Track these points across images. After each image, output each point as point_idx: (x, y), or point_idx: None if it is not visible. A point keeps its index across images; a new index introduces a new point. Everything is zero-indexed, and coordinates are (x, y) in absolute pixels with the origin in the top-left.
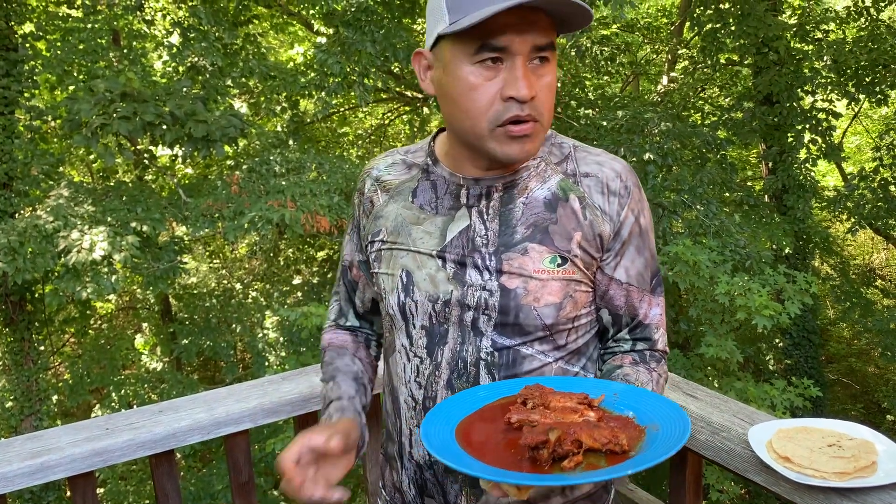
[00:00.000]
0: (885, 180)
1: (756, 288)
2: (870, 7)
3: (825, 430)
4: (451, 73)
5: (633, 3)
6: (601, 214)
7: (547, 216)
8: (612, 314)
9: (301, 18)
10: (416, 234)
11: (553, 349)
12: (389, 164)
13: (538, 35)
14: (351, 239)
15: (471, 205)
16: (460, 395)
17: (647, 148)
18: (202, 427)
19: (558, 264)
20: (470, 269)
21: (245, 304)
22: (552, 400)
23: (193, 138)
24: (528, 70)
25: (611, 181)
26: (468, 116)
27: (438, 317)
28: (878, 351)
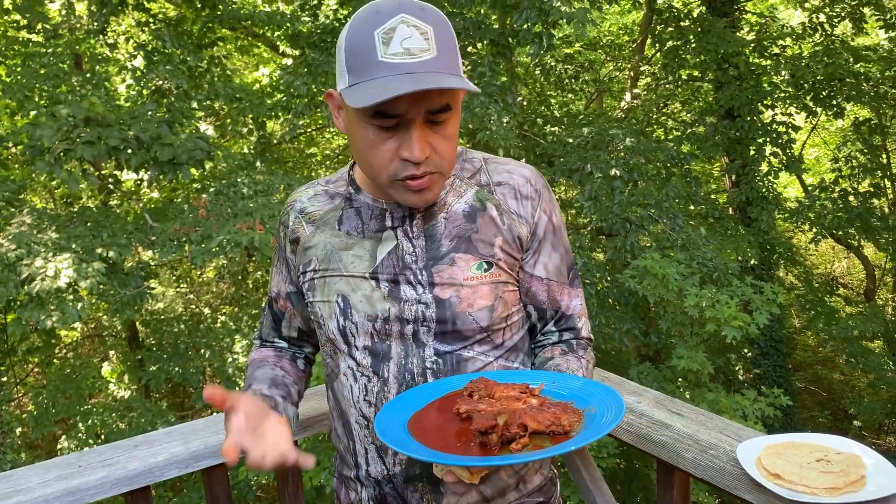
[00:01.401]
0: (844, 191)
1: (724, 299)
2: (824, 23)
3: (813, 444)
4: (353, 126)
5: (594, 22)
6: (517, 218)
7: (468, 227)
8: (537, 309)
9: (266, 40)
10: (346, 259)
11: (492, 349)
12: (311, 195)
13: (432, 102)
14: (278, 271)
15: (396, 226)
16: (409, 392)
17: (613, 164)
18: (179, 461)
19: (485, 269)
20: (404, 286)
21: (214, 329)
22: (496, 391)
23: (159, 162)
24: (425, 130)
25: (522, 186)
26: (371, 168)
27: (380, 334)
28: (843, 358)
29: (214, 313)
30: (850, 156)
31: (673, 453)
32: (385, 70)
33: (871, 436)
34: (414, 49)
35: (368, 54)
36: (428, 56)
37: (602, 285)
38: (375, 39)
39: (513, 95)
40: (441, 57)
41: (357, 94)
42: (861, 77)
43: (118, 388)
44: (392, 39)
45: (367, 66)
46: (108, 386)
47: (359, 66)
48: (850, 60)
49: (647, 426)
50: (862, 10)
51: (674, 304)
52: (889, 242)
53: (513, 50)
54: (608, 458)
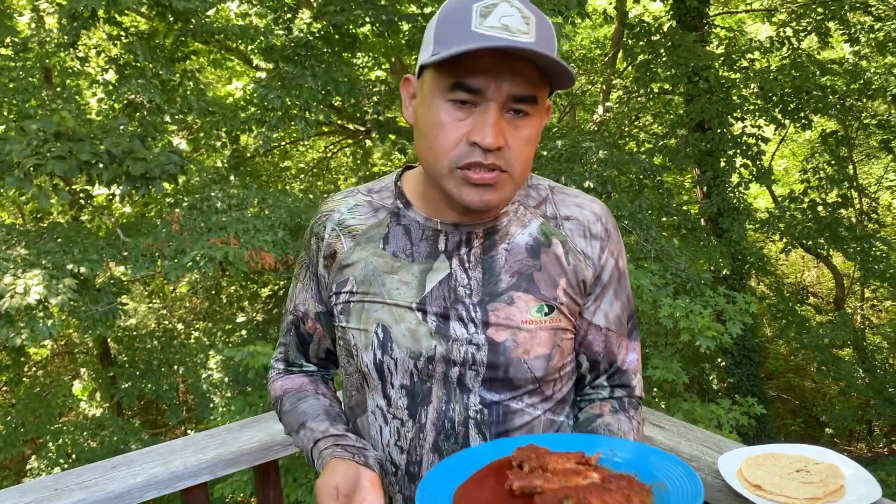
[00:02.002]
0: (813, 201)
1: (698, 309)
2: (791, 37)
3: (792, 455)
4: (426, 106)
5: (567, 36)
6: (584, 259)
7: (531, 263)
8: (590, 360)
9: (239, 54)
10: (390, 284)
11: (541, 401)
12: (352, 205)
13: (518, 85)
14: (306, 287)
15: (450, 252)
16: (448, 461)
17: (587, 176)
18: (159, 482)
19: (545, 313)
20: (454, 322)
21: (187, 345)
22: (549, 461)
23: (131, 176)
24: (502, 119)
25: (592, 224)
26: (431, 152)
27: (421, 374)
28: (815, 366)
29: (188, 329)
30: (817, 167)
31: None
32: (477, 39)
33: (843, 443)
34: (513, 27)
35: (461, 24)
36: (526, 38)
37: None
38: (473, 11)
39: None
40: (540, 45)
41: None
42: (827, 90)
43: (90, 406)
44: (491, 14)
45: (458, 34)
46: (80, 404)
47: (448, 35)
48: (816, 74)
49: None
50: (827, 24)
51: (648, 315)
52: (857, 252)
53: None
54: None
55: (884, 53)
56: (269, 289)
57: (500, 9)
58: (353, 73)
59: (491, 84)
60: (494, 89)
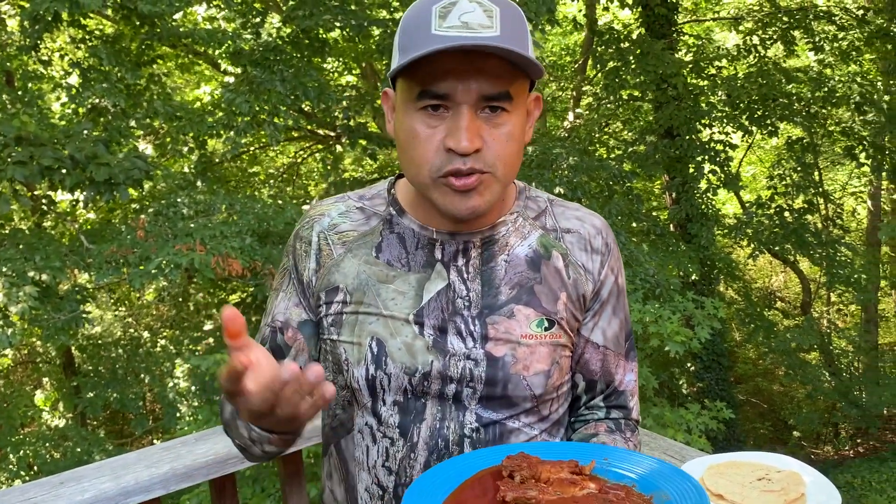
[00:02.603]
0: (780, 207)
1: (667, 315)
2: (757, 45)
3: (754, 463)
4: (401, 118)
5: (537, 44)
6: (584, 273)
7: (531, 275)
8: (587, 380)
9: (207, 58)
10: (385, 294)
11: (538, 421)
12: (342, 211)
13: (486, 83)
14: (288, 295)
15: (447, 262)
16: (435, 469)
17: (557, 182)
18: (108, 498)
19: (545, 328)
20: (451, 336)
21: (154, 353)
22: (542, 470)
23: (95, 182)
24: (476, 120)
25: (593, 238)
26: (412, 164)
27: (415, 391)
28: (782, 370)
29: (154, 337)
30: (784, 174)
31: None
32: (436, 42)
33: (810, 445)
34: (473, 24)
35: (421, 29)
36: (488, 33)
37: None
38: (432, 14)
39: None
40: (505, 38)
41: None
42: (793, 97)
43: (52, 416)
44: (450, 13)
45: (419, 40)
46: (42, 414)
47: (410, 41)
48: (782, 81)
49: None
50: (792, 33)
51: None
52: (823, 257)
53: None
54: None
55: (847, 62)
56: (238, 296)
57: (459, 6)
58: (323, 78)
59: (458, 86)
60: (462, 91)
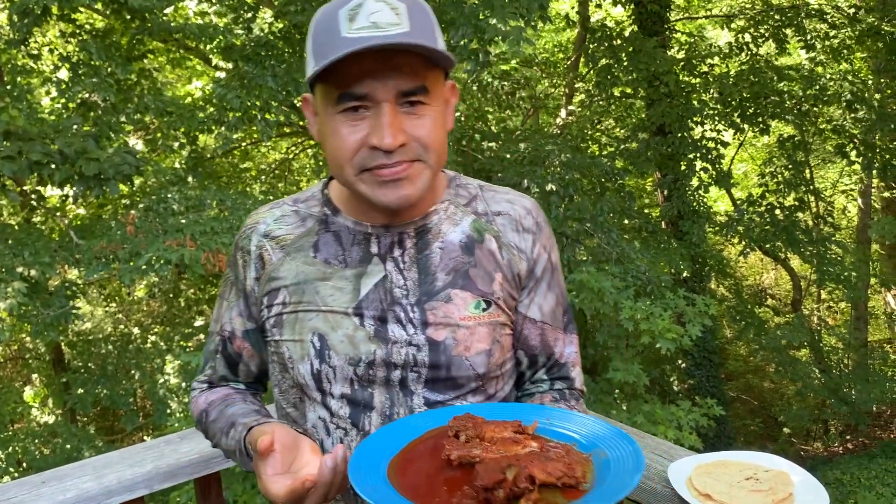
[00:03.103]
0: (771, 205)
1: (658, 312)
2: (749, 43)
3: (742, 462)
4: (323, 121)
5: (529, 40)
6: (518, 253)
7: (465, 259)
8: (528, 355)
9: (199, 53)
10: (324, 291)
11: (485, 400)
12: (278, 216)
13: (403, 80)
14: (231, 305)
15: (384, 254)
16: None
17: (549, 179)
18: (90, 498)
19: (483, 309)
20: (392, 324)
21: (144, 349)
22: (486, 430)
23: (85, 177)
24: (398, 116)
25: (523, 219)
26: (336, 163)
27: (361, 381)
28: (773, 367)
29: (145, 333)
30: (775, 171)
31: None
32: (348, 44)
33: (800, 442)
34: (381, 23)
35: (332, 34)
36: (398, 30)
37: None
38: (340, 18)
39: None
40: (415, 33)
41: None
42: (784, 95)
43: (42, 412)
44: (358, 15)
45: (330, 45)
46: (31, 411)
47: (322, 47)
48: (774, 79)
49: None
50: (784, 31)
51: (609, 318)
52: (813, 255)
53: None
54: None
55: (838, 60)
56: None
57: (365, 7)
58: None
59: (376, 86)
60: (381, 90)
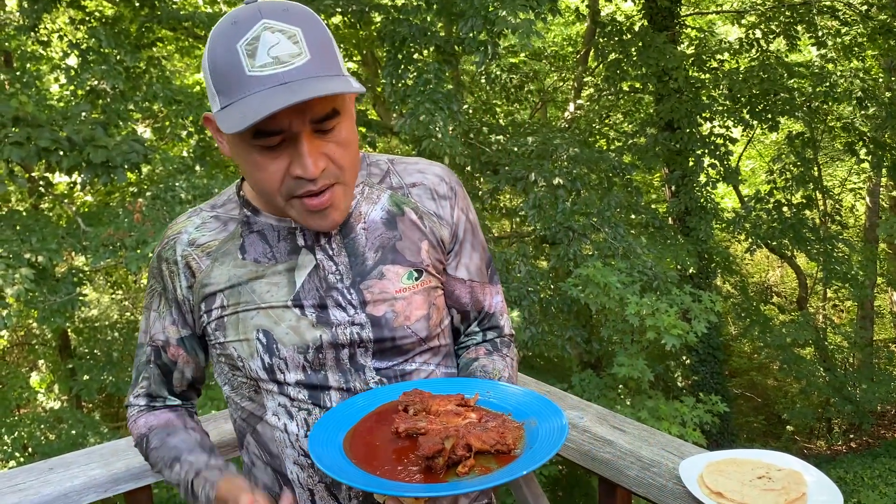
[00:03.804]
0: (778, 202)
1: (664, 308)
2: (760, 39)
3: (754, 461)
4: (236, 151)
5: (539, 34)
6: (437, 220)
7: (390, 234)
8: (460, 312)
9: None
10: (260, 289)
11: (432, 356)
12: (199, 224)
13: (315, 110)
14: (162, 316)
15: (311, 245)
16: (339, 407)
17: (557, 173)
18: (98, 485)
19: (415, 278)
20: (333, 309)
21: None
22: (432, 404)
23: (93, 164)
24: (314, 141)
25: (437, 186)
26: (263, 191)
27: (313, 366)
28: (777, 364)
29: None
30: (784, 168)
31: (615, 471)
32: (257, 85)
33: (803, 440)
34: (283, 56)
35: (235, 71)
36: (301, 61)
37: (545, 293)
38: (240, 53)
39: (458, 103)
40: (316, 60)
41: (231, 118)
42: (794, 92)
43: (48, 398)
44: (257, 50)
45: (236, 84)
46: (37, 396)
47: (227, 85)
48: (784, 76)
49: (590, 442)
50: (795, 27)
51: (615, 313)
52: (820, 252)
53: (458, 58)
54: (550, 465)
55: (849, 57)
56: None
57: (263, 41)
58: None
59: (291, 120)
60: (296, 122)
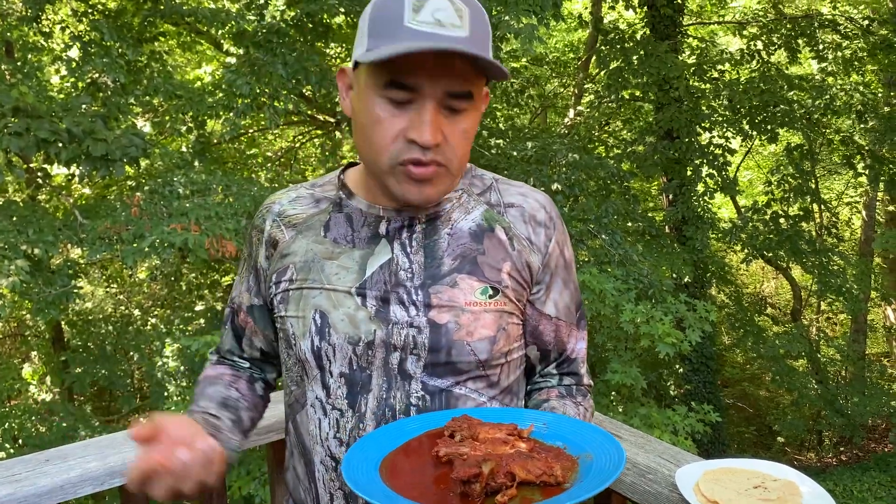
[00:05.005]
0: (775, 213)
1: (658, 316)
2: (761, 51)
3: (750, 470)
4: (363, 101)
5: (541, 39)
6: (528, 245)
7: (474, 247)
8: (540, 350)
9: (210, 37)
10: (329, 270)
11: (487, 387)
12: (293, 198)
13: (453, 81)
14: (242, 280)
15: (392, 236)
16: (384, 429)
17: (555, 178)
18: (94, 478)
19: (490, 295)
20: (394, 306)
21: (143, 331)
22: (481, 431)
23: (91, 157)
24: (439, 115)
25: (536, 212)
26: (371, 149)
27: (360, 361)
28: (769, 376)
29: (145, 315)
30: (781, 180)
31: None
32: (411, 36)
33: (793, 451)
34: (445, 21)
35: (395, 19)
36: (460, 33)
37: None
38: (406, 5)
39: None
40: (473, 39)
41: (377, 53)
42: (794, 104)
43: (39, 390)
44: (423, 7)
45: (392, 29)
46: (29, 388)
47: (382, 30)
48: (784, 88)
49: None
50: (797, 40)
51: (610, 319)
52: (815, 265)
53: None
54: None
55: (849, 71)
56: (230, 277)
57: (432, 2)
58: (325, 63)
59: (427, 82)
60: (430, 87)
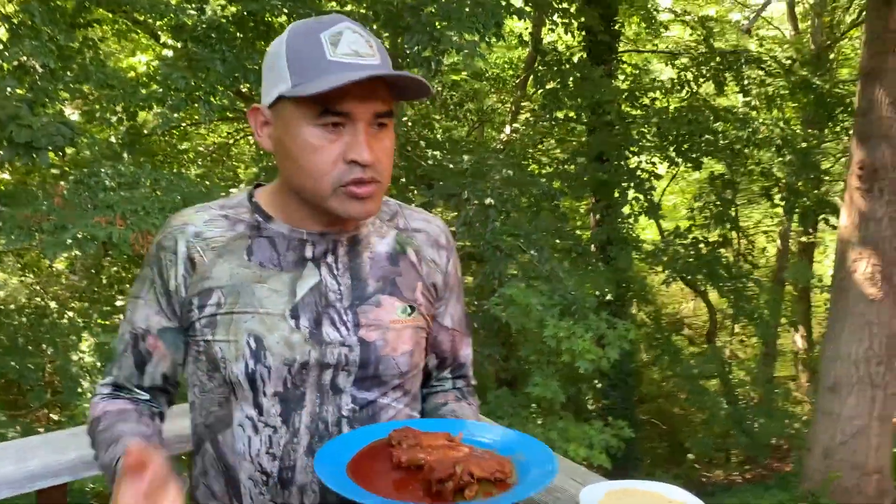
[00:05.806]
0: (696, 238)
1: (580, 332)
2: (691, 81)
3: (648, 491)
4: (292, 133)
5: (482, 55)
6: (434, 266)
7: (392, 269)
8: (438, 358)
9: (147, 28)
10: (260, 293)
11: (403, 395)
12: (207, 220)
13: (379, 103)
14: (149, 304)
15: (318, 260)
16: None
17: (489, 193)
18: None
19: (408, 313)
20: (327, 327)
21: (59, 324)
22: (423, 440)
23: (14, 143)
24: (370, 135)
25: (438, 236)
26: (310, 176)
27: (294, 380)
28: (684, 394)
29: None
30: (704, 206)
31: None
32: (338, 68)
33: (703, 468)
34: (362, 52)
35: (316, 55)
36: (374, 60)
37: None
38: (323, 41)
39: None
40: (384, 64)
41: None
42: (719, 135)
43: None
44: (340, 42)
45: (316, 66)
46: None
47: (306, 66)
48: (710, 118)
49: None
50: (724, 74)
51: (534, 333)
52: (731, 290)
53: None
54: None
55: (771, 107)
56: None
57: (346, 37)
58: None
59: (358, 106)
60: (361, 110)
